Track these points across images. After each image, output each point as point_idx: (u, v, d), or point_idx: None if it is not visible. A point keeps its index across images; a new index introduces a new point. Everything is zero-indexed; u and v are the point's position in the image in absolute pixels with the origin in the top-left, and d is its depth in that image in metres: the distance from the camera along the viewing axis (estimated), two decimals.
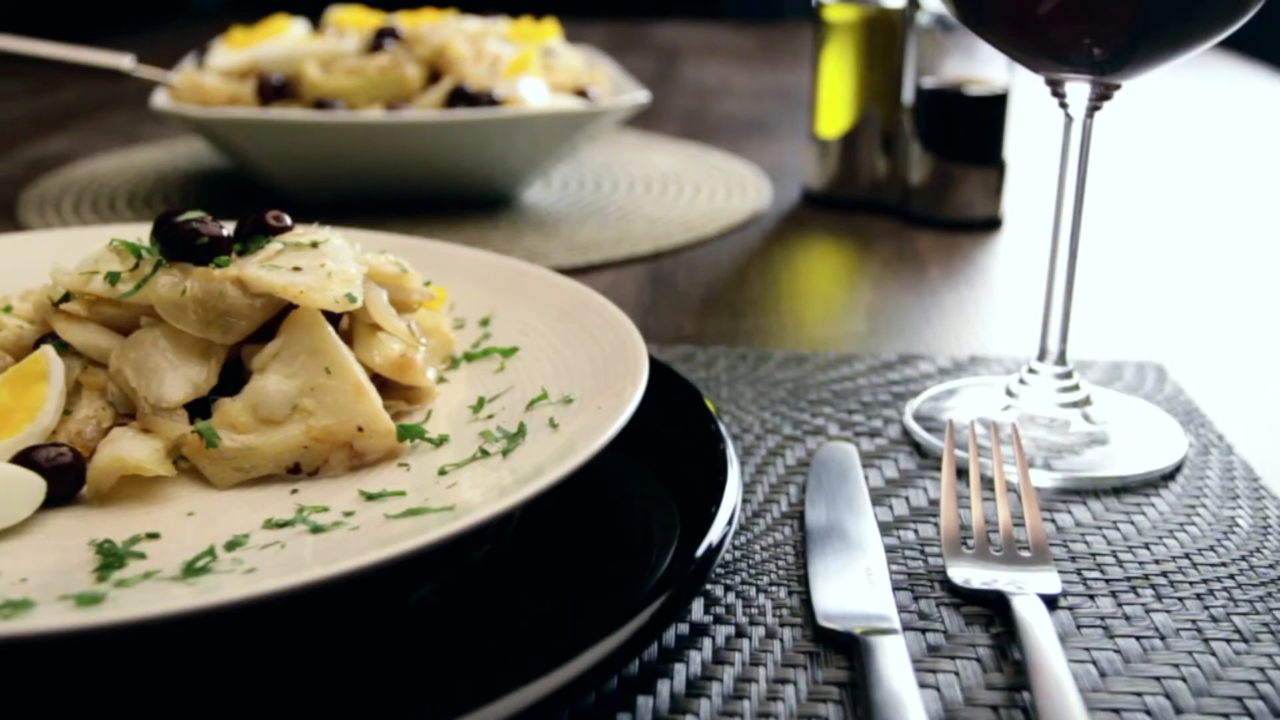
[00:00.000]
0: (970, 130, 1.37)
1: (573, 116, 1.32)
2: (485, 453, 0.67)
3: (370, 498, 0.65)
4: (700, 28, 3.21)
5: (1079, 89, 0.80)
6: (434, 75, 1.40)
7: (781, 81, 2.40)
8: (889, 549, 0.73)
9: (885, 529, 0.75)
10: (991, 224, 1.39)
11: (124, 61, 1.38)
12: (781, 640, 0.64)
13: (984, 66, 1.36)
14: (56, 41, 1.41)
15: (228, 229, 0.75)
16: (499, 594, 0.63)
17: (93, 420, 0.69)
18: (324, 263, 0.72)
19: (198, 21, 3.20)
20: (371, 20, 1.56)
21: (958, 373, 0.98)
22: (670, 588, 0.59)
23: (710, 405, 0.77)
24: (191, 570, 0.57)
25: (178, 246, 0.72)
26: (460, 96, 1.36)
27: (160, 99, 1.33)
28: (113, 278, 0.71)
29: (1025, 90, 1.39)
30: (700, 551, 0.61)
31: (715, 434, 0.74)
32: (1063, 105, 0.81)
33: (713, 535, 0.63)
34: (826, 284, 1.24)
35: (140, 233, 0.96)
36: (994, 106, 1.36)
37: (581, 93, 1.44)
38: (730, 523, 0.65)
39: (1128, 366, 1.00)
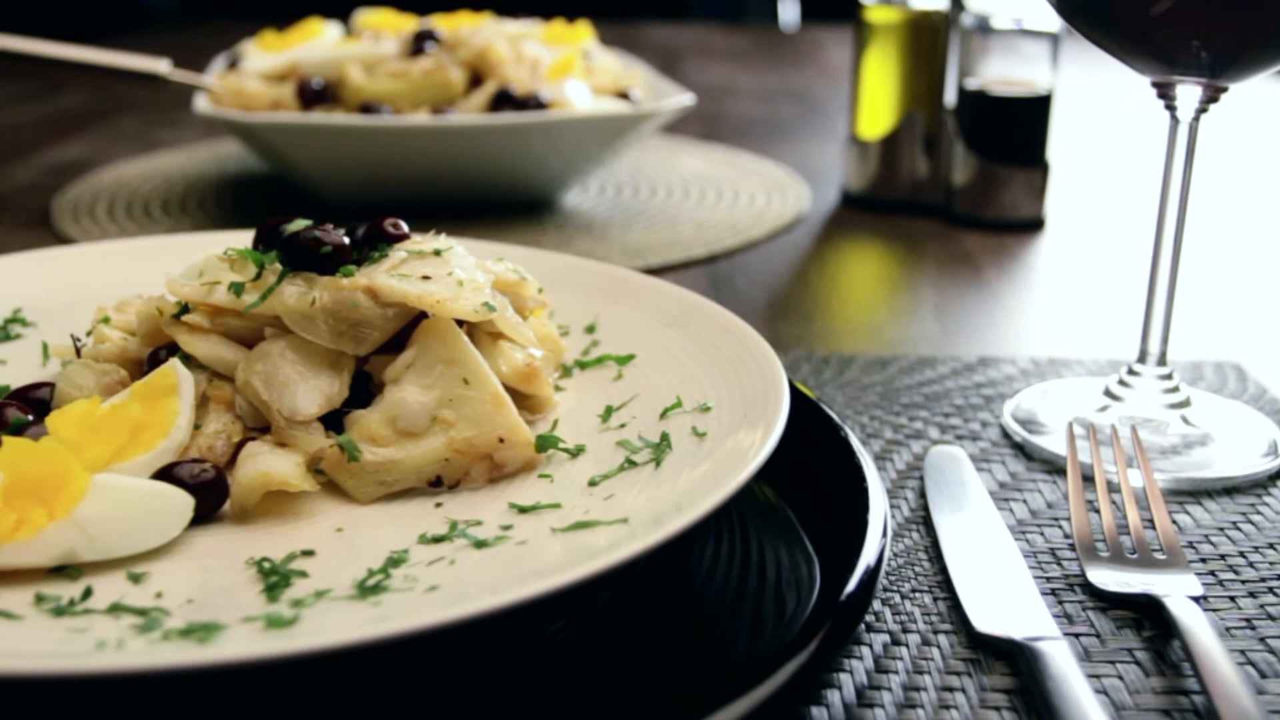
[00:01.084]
0: (1015, 131, 1.37)
1: (621, 119, 1.31)
2: (632, 463, 0.66)
3: (523, 510, 0.64)
4: (693, 28, 3.20)
5: (1189, 92, 0.80)
6: (475, 78, 1.39)
7: (788, 82, 2.40)
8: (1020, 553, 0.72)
9: (1012, 533, 0.75)
10: (1035, 224, 1.40)
11: (160, 66, 1.36)
12: (939, 648, 0.64)
13: (1025, 68, 1.37)
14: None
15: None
16: (659, 619, 0.62)
17: (222, 434, 0.68)
18: (451, 271, 0.71)
19: (168, 27, 3.16)
20: (402, 23, 1.54)
21: (1041, 374, 0.98)
22: (842, 606, 0.58)
23: (833, 414, 0.77)
24: (367, 589, 0.55)
25: (300, 255, 0.71)
26: (505, 100, 1.34)
27: (201, 104, 1.30)
28: (237, 288, 0.70)
29: (1067, 92, 1.39)
30: (861, 571, 0.61)
31: (845, 441, 0.73)
32: (1170, 108, 0.82)
33: (868, 554, 0.62)
34: (885, 286, 1.24)
35: (210, 241, 0.95)
36: (1038, 108, 1.36)
37: (623, 95, 1.44)
38: (884, 534, 0.64)
39: (1207, 366, 1.00)
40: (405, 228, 0.75)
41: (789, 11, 4.05)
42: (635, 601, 0.63)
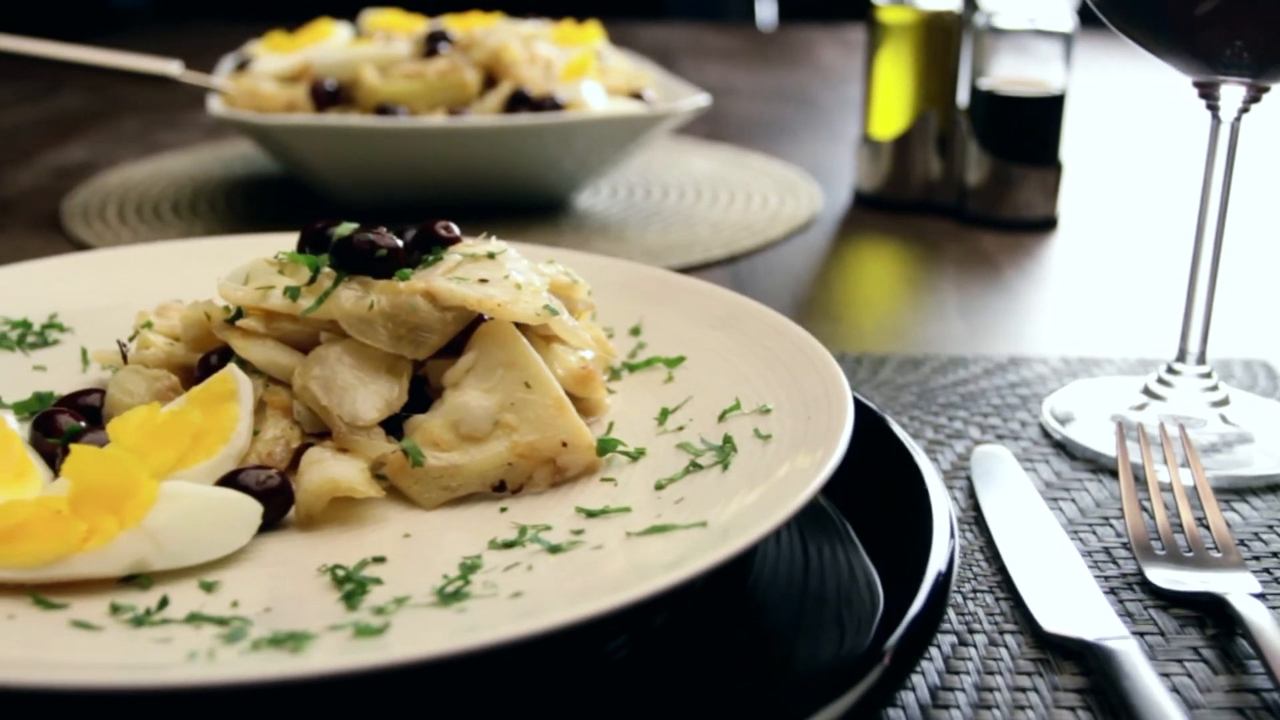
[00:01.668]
0: (1029, 131, 1.38)
1: (639, 120, 1.31)
2: (697, 466, 0.66)
3: (592, 514, 0.63)
4: (683, 29, 3.20)
5: (1232, 92, 0.80)
6: (489, 79, 1.39)
7: (784, 82, 2.40)
8: None
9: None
10: (1048, 224, 1.40)
11: (171, 68, 1.34)
12: (1007, 648, 0.64)
13: (1038, 68, 1.37)
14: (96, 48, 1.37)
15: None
16: (721, 631, 0.62)
17: (281, 440, 0.67)
18: (508, 274, 0.71)
19: (145, 28, 3.13)
20: (411, 24, 1.53)
21: (1073, 373, 0.99)
22: (920, 615, 0.57)
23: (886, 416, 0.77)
24: (448, 596, 0.55)
25: (354, 259, 0.70)
26: (521, 101, 1.34)
27: (215, 105, 1.29)
28: (293, 293, 0.69)
29: (1080, 92, 1.40)
30: (934, 576, 0.60)
31: (900, 442, 0.73)
32: (1212, 108, 0.82)
33: (938, 558, 0.62)
34: (908, 286, 1.24)
35: (242, 245, 0.94)
36: (1052, 107, 1.37)
37: (636, 96, 1.43)
38: (952, 537, 0.64)
39: (1236, 364, 1.01)
40: (456, 230, 0.74)
41: (766, 11, 4.05)
42: (694, 612, 0.62)
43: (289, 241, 0.93)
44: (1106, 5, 0.80)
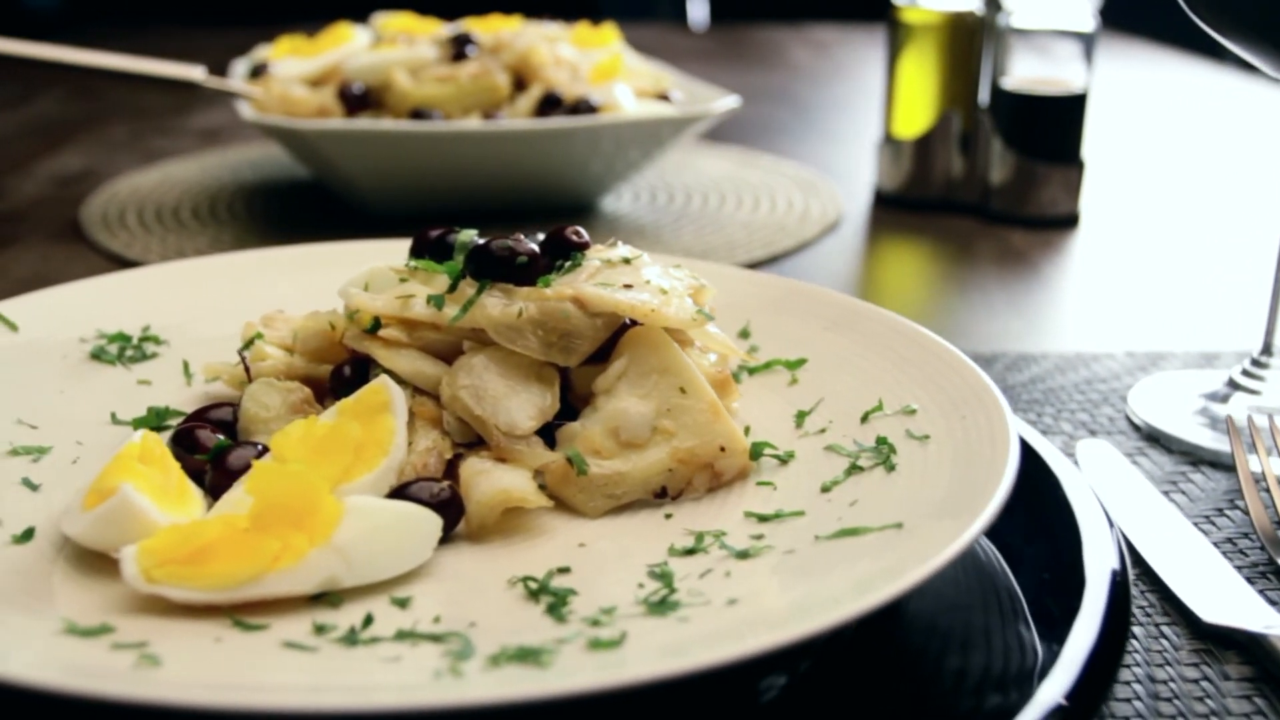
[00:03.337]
0: (1053, 129, 1.40)
1: (675, 122, 1.30)
2: (859, 467, 0.66)
3: (764, 519, 0.63)
4: (651, 29, 3.20)
5: None
6: (517, 82, 1.37)
7: (769, 83, 2.41)
8: None
9: None
10: (1070, 221, 1.43)
11: (195, 73, 1.32)
12: (1169, 639, 0.65)
13: (1059, 67, 1.39)
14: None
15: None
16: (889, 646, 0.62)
17: (434, 451, 0.66)
18: (649, 280, 0.70)
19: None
20: (427, 26, 1.51)
21: (1142, 367, 1.01)
22: (1104, 633, 0.58)
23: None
24: (658, 605, 0.54)
25: (494, 266, 0.69)
26: (553, 103, 1.33)
27: (246, 111, 1.27)
28: (438, 302, 0.68)
29: (1100, 91, 1.43)
30: (1109, 583, 0.61)
31: (1031, 447, 0.74)
32: None
33: (1109, 557, 0.63)
34: (952, 283, 1.26)
35: (321, 254, 0.92)
36: (1075, 106, 1.39)
37: (663, 97, 1.43)
38: (1120, 550, 0.64)
39: None
40: (586, 236, 0.74)
41: (698, 11, 4.05)
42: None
43: (362, 249, 0.92)
44: (1202, 6, 0.82)
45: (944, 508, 0.58)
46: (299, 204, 1.43)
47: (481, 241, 0.71)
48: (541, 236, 0.74)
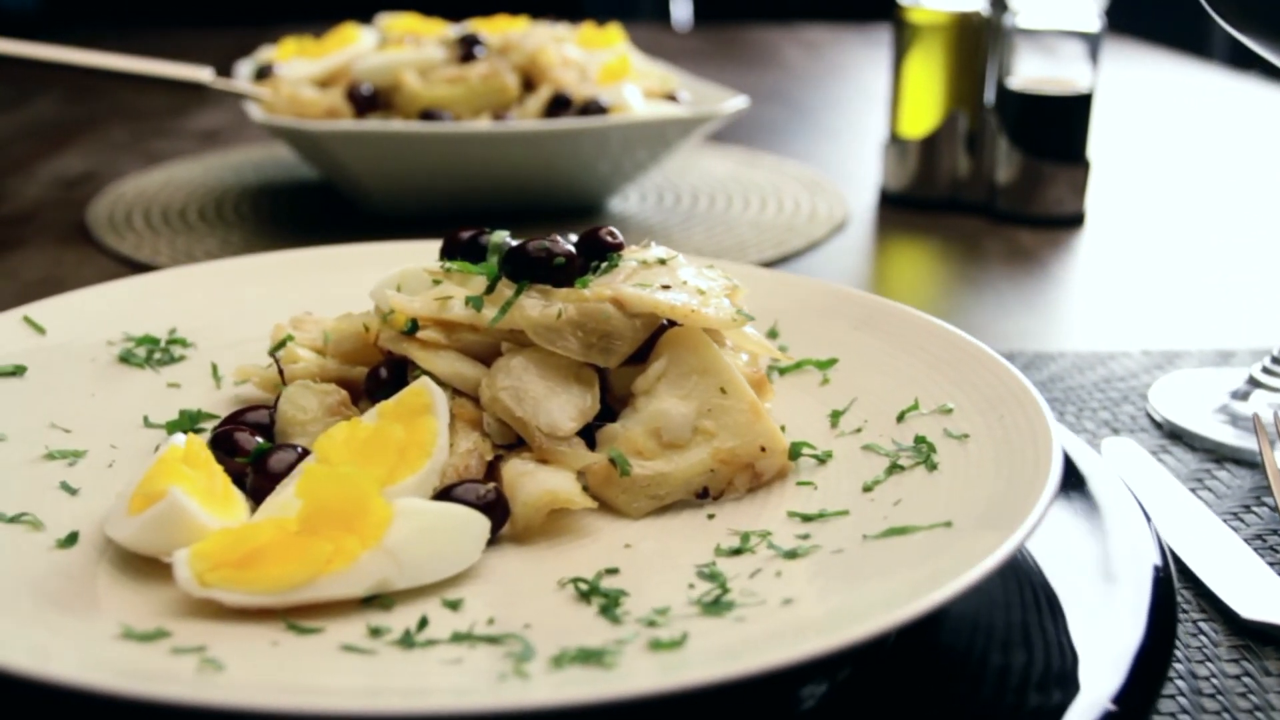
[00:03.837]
0: (1059, 129, 1.40)
1: (685, 122, 1.31)
2: (900, 466, 0.66)
3: (808, 519, 0.63)
4: (638, 28, 3.20)
5: None
6: (525, 83, 1.37)
7: (764, 84, 2.41)
8: None
9: None
10: (1076, 220, 1.43)
11: (203, 75, 1.31)
12: (1207, 635, 0.65)
13: (1065, 67, 1.40)
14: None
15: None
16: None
17: (474, 453, 0.66)
18: (686, 280, 0.70)
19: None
20: (431, 27, 1.51)
21: (1159, 365, 1.01)
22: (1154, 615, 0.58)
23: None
24: (713, 605, 0.55)
25: (531, 267, 0.69)
26: (562, 104, 1.33)
27: (256, 112, 1.26)
28: (476, 303, 0.68)
29: (1105, 91, 1.43)
30: (1153, 585, 0.61)
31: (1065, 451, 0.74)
32: None
33: (1149, 553, 0.63)
34: (964, 281, 1.26)
35: (340, 255, 0.92)
36: (1080, 106, 1.40)
37: (671, 97, 1.43)
38: (1162, 553, 0.64)
39: None
40: (620, 236, 0.74)
41: (681, 10, 4.05)
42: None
43: (381, 251, 0.92)
44: (1232, 10, 0.82)
45: (992, 506, 0.58)
46: (305, 205, 1.42)
47: (516, 243, 0.71)
48: (574, 237, 0.74)
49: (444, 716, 0.43)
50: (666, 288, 0.69)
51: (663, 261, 0.72)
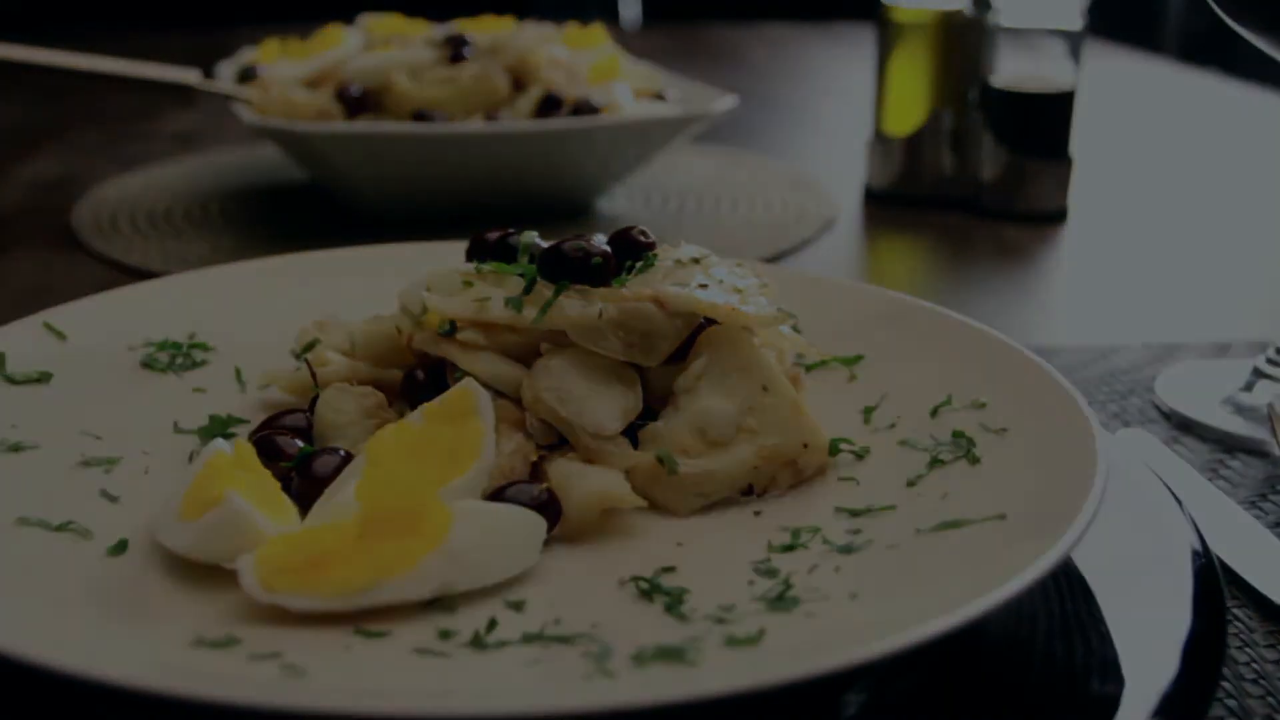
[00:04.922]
0: (1042, 126, 1.42)
1: (677, 121, 1.31)
2: (940, 461, 0.67)
3: (856, 514, 0.64)
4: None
5: None
6: (515, 83, 1.37)
7: (735, 83, 2.41)
8: None
9: None
10: (1059, 216, 1.45)
11: (190, 76, 1.30)
12: (1243, 622, 0.67)
13: (1047, 65, 1.42)
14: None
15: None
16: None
17: (519, 454, 0.66)
18: (722, 279, 0.71)
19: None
20: (414, 28, 1.50)
21: (1160, 358, 1.03)
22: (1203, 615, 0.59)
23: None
24: (778, 601, 0.55)
25: (568, 268, 0.69)
26: (553, 104, 1.33)
27: (246, 114, 1.25)
28: (516, 304, 0.68)
29: (1088, 88, 1.46)
30: (1202, 579, 0.62)
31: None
32: None
33: (1187, 540, 0.64)
34: (958, 277, 1.27)
35: (359, 257, 0.92)
36: (1063, 103, 1.42)
37: (659, 97, 1.44)
38: (1205, 552, 0.65)
39: None
40: (652, 236, 0.74)
41: (630, 10, 4.05)
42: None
43: (393, 253, 0.92)
44: (1240, 9, 0.84)
45: (1043, 496, 0.59)
46: (293, 206, 1.41)
47: (548, 244, 0.71)
48: (603, 237, 0.74)
49: (540, 716, 0.43)
50: (704, 286, 0.69)
51: (696, 260, 0.72)
